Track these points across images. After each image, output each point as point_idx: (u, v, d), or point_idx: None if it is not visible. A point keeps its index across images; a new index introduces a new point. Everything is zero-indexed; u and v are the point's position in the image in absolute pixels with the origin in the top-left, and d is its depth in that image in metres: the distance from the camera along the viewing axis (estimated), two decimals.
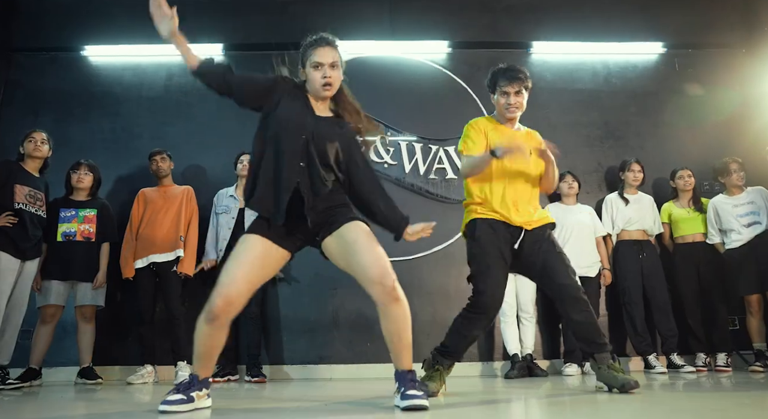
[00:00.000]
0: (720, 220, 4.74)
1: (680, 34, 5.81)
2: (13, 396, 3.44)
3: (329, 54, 2.48)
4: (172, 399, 2.21)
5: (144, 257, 4.52)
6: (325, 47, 2.49)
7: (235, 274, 2.26)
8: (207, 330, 2.29)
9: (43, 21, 5.67)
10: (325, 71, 2.45)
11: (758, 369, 4.36)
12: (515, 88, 3.05)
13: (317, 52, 2.48)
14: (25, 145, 4.19)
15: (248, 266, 2.30)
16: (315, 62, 2.46)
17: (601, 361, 2.87)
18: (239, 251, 2.34)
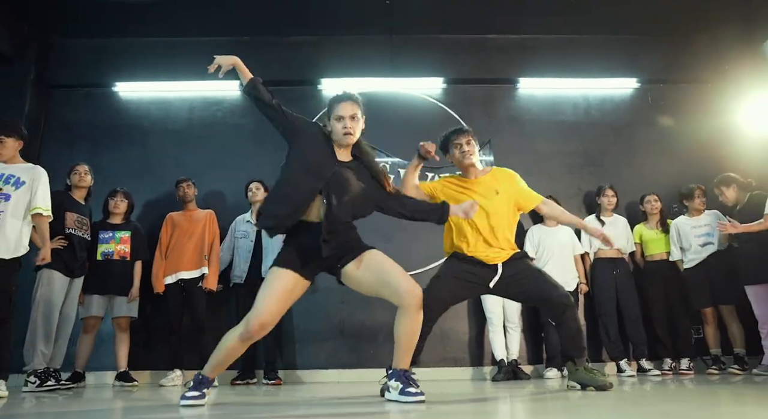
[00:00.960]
0: (680, 239, 5.32)
1: (653, 70, 6.40)
2: (65, 395, 3.99)
3: (350, 108, 2.86)
4: (190, 395, 2.75)
5: (173, 274, 5.09)
6: (346, 102, 2.88)
7: (269, 303, 2.65)
8: (238, 346, 2.76)
9: (77, 59, 6.29)
10: (346, 122, 2.84)
11: (714, 371, 4.95)
12: (465, 138, 3.53)
13: (339, 106, 2.87)
14: (72, 177, 4.80)
15: (281, 296, 2.68)
16: (337, 115, 2.85)
17: (579, 363, 3.36)
18: (273, 283, 2.69)
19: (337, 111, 2.88)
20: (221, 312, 5.43)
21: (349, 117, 2.85)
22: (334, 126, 2.87)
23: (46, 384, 4.20)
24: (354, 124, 2.87)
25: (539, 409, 2.65)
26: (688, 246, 5.27)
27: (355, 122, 2.87)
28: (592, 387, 3.26)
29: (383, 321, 5.32)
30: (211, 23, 6.12)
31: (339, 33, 6.33)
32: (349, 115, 2.86)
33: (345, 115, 2.85)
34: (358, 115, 2.89)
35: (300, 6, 5.88)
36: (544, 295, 3.34)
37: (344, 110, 2.87)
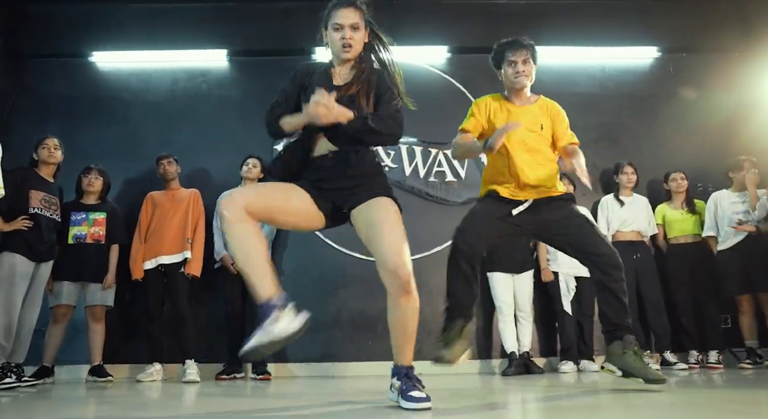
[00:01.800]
0: (718, 213, 4.88)
1: (675, 38, 5.93)
2: (27, 392, 3.59)
3: (350, 15, 2.42)
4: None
5: (152, 259, 4.66)
6: (346, 8, 2.43)
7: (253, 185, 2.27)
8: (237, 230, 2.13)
9: (52, 28, 5.80)
10: (345, 33, 2.40)
11: (747, 366, 4.52)
12: (522, 56, 3.08)
13: (338, 13, 2.42)
14: (39, 151, 4.34)
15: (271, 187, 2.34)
16: (335, 24, 2.42)
17: (628, 345, 2.83)
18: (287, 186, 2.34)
19: (334, 19, 2.43)
20: (205, 300, 5.01)
21: (349, 26, 2.41)
22: (331, 37, 2.44)
23: (4, 381, 3.78)
24: (355, 34, 2.42)
25: (555, 408, 2.37)
26: (723, 224, 4.82)
27: (356, 32, 2.43)
28: (640, 379, 2.74)
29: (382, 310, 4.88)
30: None
31: None
32: (348, 24, 2.41)
33: (344, 23, 2.41)
34: (360, 24, 2.44)
35: None
36: (589, 248, 2.89)
37: (343, 17, 2.41)
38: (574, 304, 4.84)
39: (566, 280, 4.88)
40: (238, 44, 5.83)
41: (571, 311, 4.81)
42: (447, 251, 5.15)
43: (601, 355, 4.95)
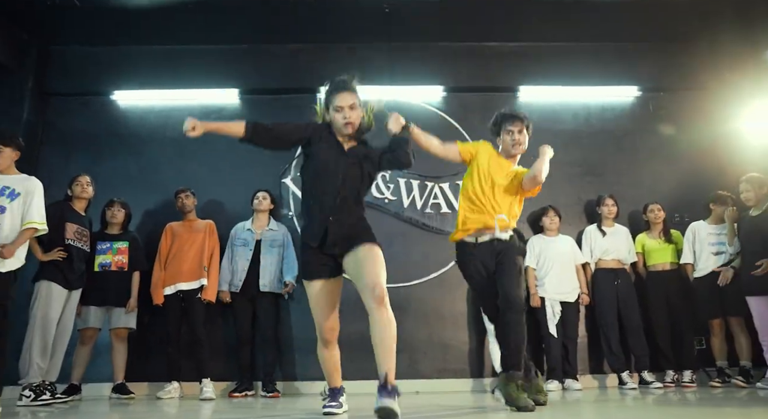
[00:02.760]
0: (695, 242, 5.29)
1: (654, 78, 6.38)
2: (61, 409, 3.97)
3: (348, 98, 2.90)
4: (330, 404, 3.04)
5: (172, 285, 5.07)
6: (343, 92, 2.92)
7: (317, 315, 2.97)
8: (327, 354, 3.11)
9: (76, 68, 6.26)
10: (345, 113, 2.89)
11: (716, 384, 4.92)
12: (519, 126, 3.59)
13: (337, 97, 2.91)
14: (73, 187, 4.77)
15: (322, 304, 2.95)
16: (336, 106, 2.90)
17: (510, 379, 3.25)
18: (310, 297, 2.97)
19: (335, 102, 2.92)
20: (218, 323, 5.40)
21: (348, 107, 2.90)
22: (334, 117, 2.93)
23: (41, 398, 4.16)
24: (353, 113, 2.91)
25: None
26: (700, 254, 5.24)
27: (354, 111, 2.91)
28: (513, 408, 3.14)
29: None
30: (211, 31, 6.10)
31: (339, 41, 6.31)
32: (348, 104, 2.90)
33: (344, 105, 2.89)
34: (357, 103, 2.93)
35: (300, 14, 5.84)
36: (505, 288, 3.36)
37: (342, 100, 2.90)
38: (560, 327, 5.23)
39: (552, 305, 5.27)
40: (249, 83, 6.27)
41: (557, 334, 5.20)
42: (442, 276, 5.60)
43: (586, 374, 5.40)
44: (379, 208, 5.78)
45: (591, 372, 5.52)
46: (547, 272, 5.32)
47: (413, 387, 5.21)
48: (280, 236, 5.40)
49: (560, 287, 5.31)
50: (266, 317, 5.18)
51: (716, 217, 5.32)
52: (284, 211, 5.86)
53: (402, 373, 5.27)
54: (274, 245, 5.32)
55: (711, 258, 5.16)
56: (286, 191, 5.91)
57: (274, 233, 5.37)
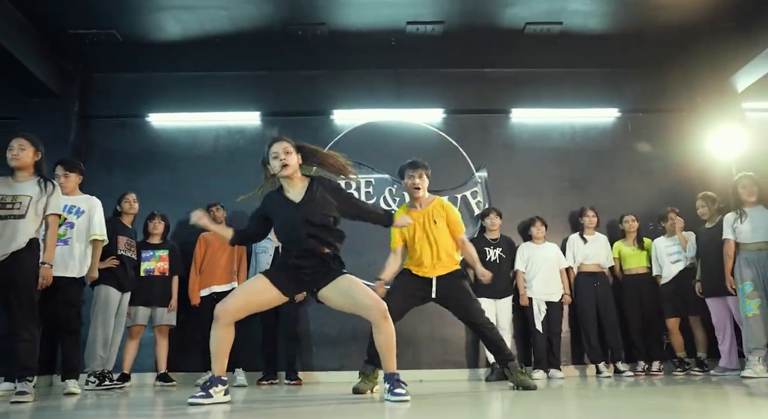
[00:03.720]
0: (657, 256, 6.02)
1: (633, 101, 7.10)
2: (119, 393, 4.66)
3: (280, 146, 3.28)
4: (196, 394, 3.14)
5: (206, 288, 5.81)
6: (276, 143, 3.31)
7: (235, 295, 3.26)
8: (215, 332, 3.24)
9: (115, 94, 7.00)
10: (280, 156, 3.25)
11: (678, 372, 5.68)
12: (418, 173, 4.18)
13: (272, 148, 3.31)
14: (122, 204, 5.51)
15: (247, 294, 3.28)
16: (273, 153, 3.29)
17: (512, 368, 3.98)
18: (249, 281, 3.41)
19: (270, 152, 3.32)
20: (248, 320, 6.08)
21: (283, 151, 3.28)
22: (273, 165, 3.31)
23: (104, 383, 4.90)
24: (288, 156, 3.27)
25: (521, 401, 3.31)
26: (663, 264, 5.97)
27: (288, 155, 3.28)
28: (521, 387, 3.91)
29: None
30: (234, 60, 6.81)
31: (350, 68, 7.03)
32: (282, 149, 3.28)
33: (278, 150, 3.28)
34: (290, 148, 3.30)
35: (315, 44, 6.53)
36: (470, 318, 4.06)
37: (276, 148, 3.31)
38: (545, 324, 5.95)
39: (538, 304, 5.99)
40: (269, 106, 6.99)
41: (542, 330, 5.93)
42: None
43: (568, 365, 6.10)
44: None
45: (573, 363, 6.26)
46: (535, 275, 6.04)
47: (417, 376, 5.92)
48: None
49: (546, 289, 6.03)
50: (287, 314, 5.90)
51: (669, 231, 6.05)
52: None
53: (406, 364, 6.08)
54: None
55: (671, 267, 5.90)
56: None
57: None
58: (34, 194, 3.85)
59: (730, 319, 5.38)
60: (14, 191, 3.84)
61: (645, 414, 2.37)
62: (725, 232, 5.18)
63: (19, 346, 3.63)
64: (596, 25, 6.29)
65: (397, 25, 6.24)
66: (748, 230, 5.06)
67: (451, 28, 6.28)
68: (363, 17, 6.11)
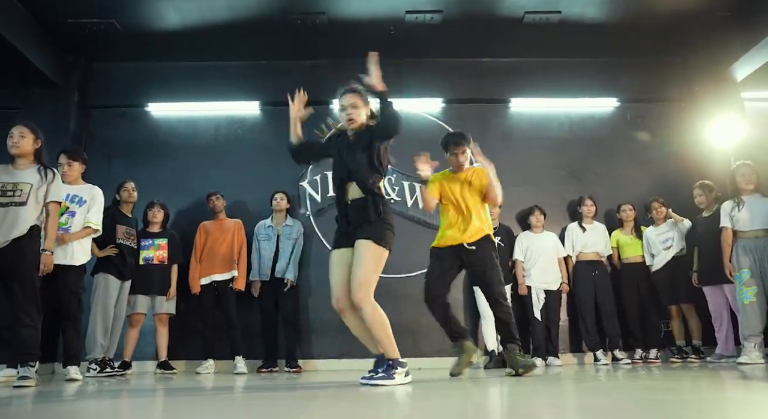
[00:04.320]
0: (649, 246, 6.05)
1: (631, 90, 7.11)
2: (120, 380, 4.69)
3: (349, 99, 3.45)
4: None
5: (207, 276, 5.85)
6: (345, 94, 3.48)
7: (334, 279, 3.34)
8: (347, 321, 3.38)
9: (114, 83, 7.01)
10: (348, 111, 3.43)
11: (676, 360, 5.72)
12: (461, 149, 4.31)
13: (342, 99, 3.48)
14: (121, 193, 5.54)
15: (336, 271, 3.36)
16: (341, 106, 3.47)
17: (511, 350, 4.09)
18: (331, 264, 3.40)
19: (340, 102, 3.49)
20: (248, 308, 6.16)
21: (350, 106, 3.43)
22: (340, 116, 3.51)
23: (105, 370, 4.95)
24: (354, 111, 3.43)
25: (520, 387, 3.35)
26: (657, 252, 6.01)
27: (355, 109, 3.43)
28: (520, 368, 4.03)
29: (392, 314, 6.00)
30: (234, 49, 6.82)
31: (349, 57, 7.01)
32: (349, 104, 3.43)
33: (346, 104, 3.45)
34: (358, 103, 3.44)
35: (314, 34, 6.55)
36: (490, 289, 4.13)
37: (344, 100, 3.46)
38: (543, 312, 6.00)
39: (537, 292, 6.04)
40: (269, 96, 6.98)
41: (541, 318, 5.97)
42: None
43: (566, 353, 6.14)
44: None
45: (571, 351, 6.31)
46: (534, 263, 6.08)
47: (416, 364, 5.95)
48: (296, 230, 6.19)
49: (544, 277, 6.07)
50: (287, 303, 5.95)
51: (656, 220, 6.13)
52: (301, 210, 6.61)
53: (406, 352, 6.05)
54: (290, 238, 6.09)
55: (662, 253, 5.96)
56: (303, 193, 6.66)
57: (290, 228, 6.15)
58: (35, 182, 3.88)
59: (727, 307, 5.42)
60: (15, 179, 3.87)
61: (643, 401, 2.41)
62: (723, 220, 5.21)
63: (22, 331, 3.67)
64: (595, 14, 6.29)
65: (396, 14, 6.25)
66: (746, 218, 5.09)
67: (450, 17, 6.28)
68: (362, 6, 6.13)
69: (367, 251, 3.23)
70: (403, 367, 3.31)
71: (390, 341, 3.30)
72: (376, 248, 3.24)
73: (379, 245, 3.25)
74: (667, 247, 5.93)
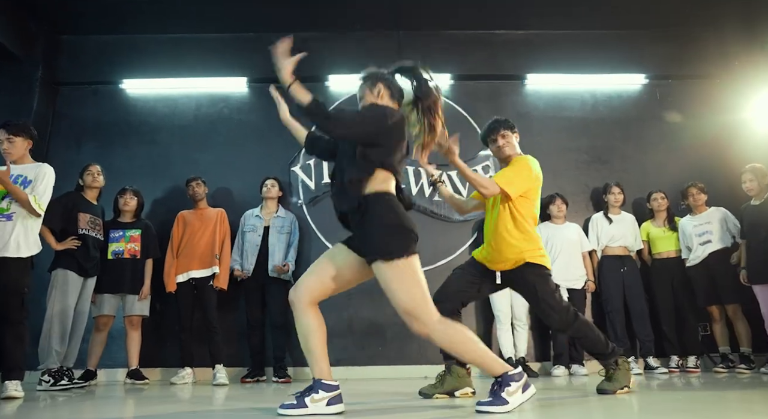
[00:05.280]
0: (685, 238, 5.35)
1: (661, 66, 6.40)
2: (79, 393, 4.05)
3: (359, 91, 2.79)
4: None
5: (184, 273, 5.13)
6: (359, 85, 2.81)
7: (312, 268, 2.66)
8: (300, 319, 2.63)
9: (85, 57, 6.31)
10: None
11: (721, 370, 5.00)
12: (496, 135, 3.47)
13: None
14: (84, 177, 4.83)
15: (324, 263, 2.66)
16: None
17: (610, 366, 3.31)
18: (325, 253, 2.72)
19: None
20: (231, 309, 5.48)
21: (359, 98, 2.80)
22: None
23: (60, 383, 4.26)
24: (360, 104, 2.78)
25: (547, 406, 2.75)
26: (690, 246, 5.33)
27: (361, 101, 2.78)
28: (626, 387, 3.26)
29: (391, 318, 5.36)
30: (217, 20, 6.15)
31: (347, 29, 6.34)
32: (359, 96, 2.81)
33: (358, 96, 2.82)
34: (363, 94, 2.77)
35: (308, 2, 5.88)
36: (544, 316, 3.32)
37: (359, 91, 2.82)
38: None
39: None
40: (256, 72, 6.28)
41: None
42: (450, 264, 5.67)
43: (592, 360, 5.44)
44: None
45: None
46: (555, 258, 5.36)
47: (422, 372, 5.31)
48: (288, 223, 5.48)
49: (567, 274, 5.37)
50: (275, 303, 5.25)
51: (694, 208, 5.46)
52: (293, 199, 5.92)
53: (412, 359, 5.42)
54: (282, 232, 5.40)
55: (699, 248, 5.26)
56: (296, 179, 5.96)
57: (282, 220, 5.45)
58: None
59: None
60: None
61: None
62: None
63: None
64: None
65: None
66: None
67: None
68: None
69: (386, 276, 2.48)
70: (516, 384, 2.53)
71: (483, 359, 2.55)
72: (391, 266, 2.46)
73: (391, 261, 2.45)
74: (704, 241, 5.23)
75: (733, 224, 5.19)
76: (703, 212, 5.39)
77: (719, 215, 5.29)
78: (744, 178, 5.03)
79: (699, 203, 5.40)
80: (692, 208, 5.46)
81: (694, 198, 5.41)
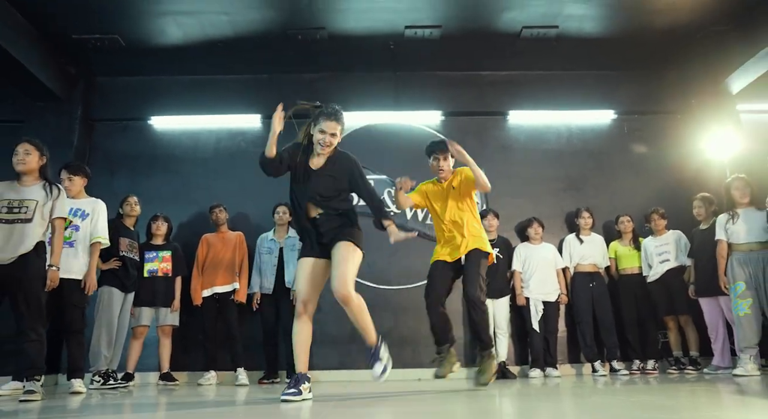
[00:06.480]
0: (647, 256, 6.11)
1: (628, 103, 7.20)
2: (123, 392, 4.75)
3: (332, 126, 3.43)
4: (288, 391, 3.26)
5: (209, 288, 5.91)
6: (331, 121, 3.43)
7: (300, 285, 3.44)
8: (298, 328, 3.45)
9: (117, 97, 7.11)
10: (326, 137, 3.43)
11: (673, 371, 5.77)
12: (443, 155, 4.37)
13: (325, 123, 3.43)
14: (124, 207, 5.62)
15: (307, 279, 3.45)
16: (321, 129, 3.43)
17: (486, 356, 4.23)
18: (299, 271, 3.50)
19: (322, 125, 3.45)
20: (250, 320, 6.21)
21: (330, 134, 3.45)
22: (317, 136, 3.47)
23: (108, 382, 5.01)
24: (332, 139, 3.47)
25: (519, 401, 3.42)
26: (651, 263, 6.07)
27: (333, 138, 3.47)
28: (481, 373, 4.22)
29: (390, 325, 6.13)
30: (236, 63, 6.92)
31: (349, 71, 7.12)
32: (330, 132, 3.45)
33: (327, 131, 3.45)
34: (337, 133, 3.48)
35: (315, 48, 6.63)
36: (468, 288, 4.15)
37: (328, 127, 3.45)
38: (542, 323, 6.05)
39: (535, 304, 6.09)
40: (270, 109, 6.77)
41: (539, 329, 6.02)
42: None
43: (564, 363, 6.19)
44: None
45: (569, 362, 6.36)
46: (532, 275, 6.14)
47: (415, 375, 6.03)
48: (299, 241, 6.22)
49: (543, 289, 6.12)
50: (288, 314, 5.96)
51: (655, 230, 6.20)
52: None
53: (406, 363, 6.13)
54: (294, 249, 6.11)
55: (659, 266, 6.02)
56: None
57: (293, 240, 6.16)
58: (40, 198, 3.96)
59: (722, 319, 5.49)
60: (21, 196, 3.94)
61: (640, 412, 2.46)
62: (718, 233, 5.28)
63: (27, 346, 3.73)
64: (592, 29, 6.38)
65: (396, 29, 6.34)
66: (741, 232, 5.16)
67: (449, 32, 6.38)
68: (362, 21, 6.21)
69: (351, 252, 3.41)
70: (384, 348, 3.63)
71: (371, 327, 3.54)
72: (355, 250, 3.44)
73: (357, 247, 3.45)
74: (662, 261, 5.99)
75: (685, 245, 5.95)
76: (664, 234, 6.14)
77: (675, 237, 6.05)
78: (695, 205, 5.81)
79: (660, 227, 6.15)
80: (654, 231, 6.21)
81: (656, 223, 6.16)
